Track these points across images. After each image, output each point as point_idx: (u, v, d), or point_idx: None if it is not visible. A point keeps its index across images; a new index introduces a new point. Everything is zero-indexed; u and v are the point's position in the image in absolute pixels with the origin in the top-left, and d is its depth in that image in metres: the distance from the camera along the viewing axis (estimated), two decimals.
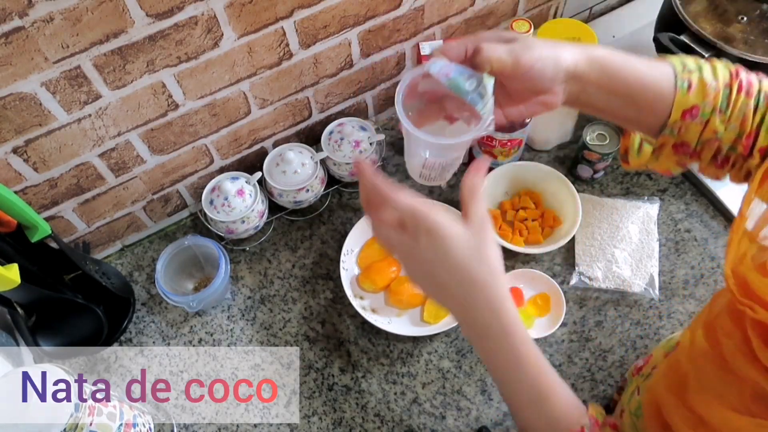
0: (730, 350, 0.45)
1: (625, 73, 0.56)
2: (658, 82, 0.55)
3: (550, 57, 0.54)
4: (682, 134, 0.56)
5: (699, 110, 0.54)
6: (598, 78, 0.56)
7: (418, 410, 0.88)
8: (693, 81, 0.54)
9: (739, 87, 0.54)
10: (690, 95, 0.54)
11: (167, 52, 0.78)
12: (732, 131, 0.55)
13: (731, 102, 0.54)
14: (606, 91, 0.56)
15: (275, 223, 1.04)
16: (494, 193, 1.03)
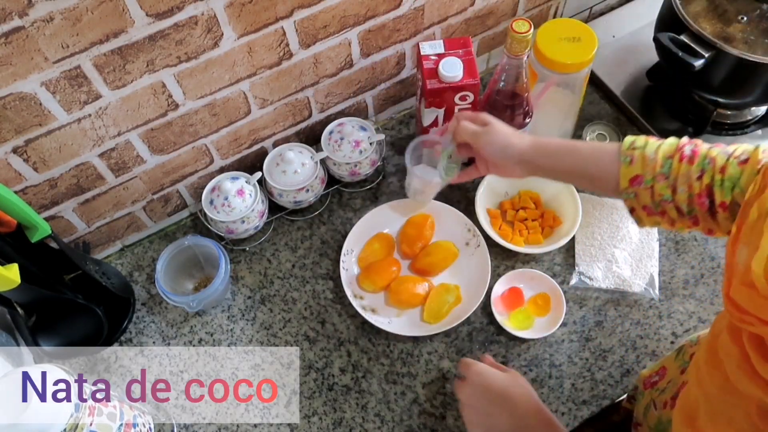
0: (732, 369, 0.47)
1: (569, 158, 0.71)
2: (601, 160, 0.68)
3: (499, 145, 0.74)
4: (639, 198, 0.66)
5: (642, 178, 0.65)
6: (546, 163, 0.73)
7: (419, 410, 0.88)
8: (635, 156, 0.65)
9: (681, 157, 0.63)
10: (632, 167, 0.65)
11: (167, 52, 0.78)
12: (682, 194, 0.63)
13: (672, 170, 0.63)
14: (556, 171, 0.73)
15: (275, 223, 1.04)
16: (494, 193, 1.03)
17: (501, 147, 0.74)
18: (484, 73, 1.19)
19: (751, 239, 0.48)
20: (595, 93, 1.15)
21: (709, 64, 0.89)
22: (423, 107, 0.96)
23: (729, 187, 0.60)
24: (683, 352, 0.75)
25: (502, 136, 0.74)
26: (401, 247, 1.00)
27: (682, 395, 0.59)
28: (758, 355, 0.44)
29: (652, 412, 0.71)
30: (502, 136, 0.74)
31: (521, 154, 0.73)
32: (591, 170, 0.69)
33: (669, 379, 0.74)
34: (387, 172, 1.09)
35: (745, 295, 0.45)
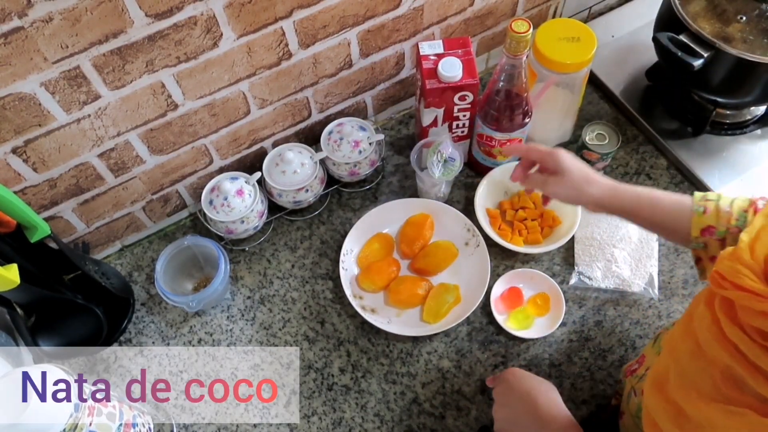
0: (702, 333, 0.50)
1: (647, 210, 0.71)
2: (675, 210, 0.69)
3: (573, 192, 0.75)
4: (709, 249, 0.67)
5: (715, 229, 0.65)
6: (622, 212, 0.73)
7: (418, 410, 0.88)
8: (709, 207, 0.66)
9: (755, 210, 0.63)
10: (705, 217, 0.66)
11: (166, 52, 0.78)
12: None
13: (747, 223, 0.63)
14: (631, 218, 0.73)
15: (275, 223, 1.05)
16: (494, 193, 1.03)
17: (575, 194, 0.75)
18: (483, 73, 1.19)
19: None
20: (594, 93, 1.15)
21: (708, 64, 0.89)
22: (422, 107, 0.96)
23: None
24: (659, 339, 0.76)
25: (576, 183, 0.75)
26: (401, 247, 1.00)
27: (654, 366, 0.61)
28: (727, 318, 0.47)
29: (633, 399, 0.72)
30: (576, 184, 0.75)
31: (597, 201, 0.74)
32: (667, 223, 0.70)
33: (647, 366, 0.74)
34: (386, 172, 1.09)
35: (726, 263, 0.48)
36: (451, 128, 1.00)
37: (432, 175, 0.93)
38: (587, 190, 0.74)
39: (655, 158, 1.07)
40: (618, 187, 0.73)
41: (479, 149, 1.02)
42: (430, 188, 1.00)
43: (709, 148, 1.05)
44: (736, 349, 0.46)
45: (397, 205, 1.01)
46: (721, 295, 0.49)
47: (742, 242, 0.48)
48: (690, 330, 0.53)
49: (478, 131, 0.99)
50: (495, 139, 0.96)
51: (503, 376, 0.79)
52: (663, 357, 0.59)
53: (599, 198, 0.73)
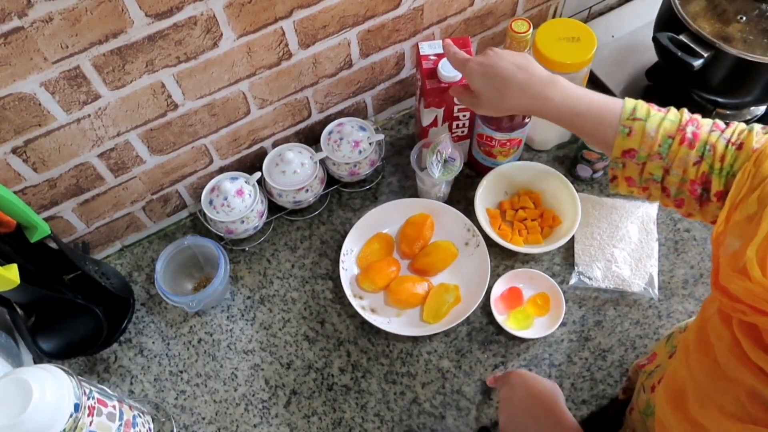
0: (723, 353, 0.46)
1: (568, 120, 0.68)
2: (601, 123, 0.65)
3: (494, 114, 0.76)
4: (626, 170, 0.64)
5: (636, 153, 0.62)
6: (548, 118, 0.69)
7: (418, 410, 0.88)
8: (634, 128, 0.62)
9: (682, 139, 0.60)
10: (629, 139, 0.62)
11: (166, 52, 0.78)
12: (675, 176, 0.62)
13: (671, 151, 0.61)
14: (558, 123, 0.69)
15: (275, 223, 1.05)
16: (494, 193, 1.03)
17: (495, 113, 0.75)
18: None
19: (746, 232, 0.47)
20: None
21: (708, 64, 0.89)
22: (422, 107, 0.96)
23: (725, 174, 0.58)
24: (672, 337, 0.75)
25: (492, 104, 0.73)
26: (401, 247, 1.00)
27: (668, 375, 0.58)
28: (750, 341, 0.44)
29: (641, 396, 0.72)
30: (492, 105, 0.73)
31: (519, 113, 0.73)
32: (593, 135, 0.67)
33: (657, 364, 0.74)
34: (386, 172, 1.09)
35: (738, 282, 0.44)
36: (451, 128, 1.00)
37: (432, 175, 0.93)
38: (505, 106, 0.72)
39: None
40: (538, 102, 0.69)
41: (479, 149, 1.02)
42: (430, 188, 1.00)
43: None
44: (762, 372, 0.43)
45: (397, 205, 1.01)
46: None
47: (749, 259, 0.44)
48: (706, 343, 0.49)
49: (478, 131, 0.99)
50: (495, 139, 0.96)
51: (508, 378, 0.79)
52: (679, 368, 0.55)
53: (523, 113, 0.72)
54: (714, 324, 0.48)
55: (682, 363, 0.54)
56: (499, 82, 0.71)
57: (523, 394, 0.75)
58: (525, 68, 0.70)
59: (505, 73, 0.70)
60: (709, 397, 0.48)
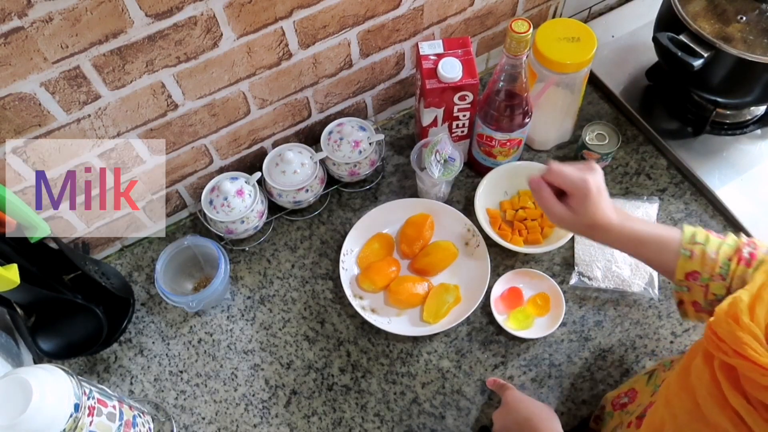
0: (702, 395, 0.47)
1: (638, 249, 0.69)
2: (664, 252, 0.67)
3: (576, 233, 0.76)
4: (692, 293, 0.66)
5: (699, 275, 0.64)
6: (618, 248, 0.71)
7: (418, 410, 0.88)
8: (695, 252, 0.65)
9: (739, 259, 0.62)
10: (690, 262, 0.65)
11: (166, 53, 0.78)
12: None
13: (731, 271, 0.62)
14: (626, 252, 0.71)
15: (275, 223, 1.05)
16: (494, 193, 1.03)
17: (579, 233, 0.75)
18: (483, 73, 1.19)
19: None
20: (594, 93, 1.15)
21: (708, 64, 0.89)
22: (422, 107, 0.96)
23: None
24: (655, 377, 0.76)
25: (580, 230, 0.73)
26: (401, 247, 1.00)
27: (650, 414, 0.59)
28: (729, 383, 0.44)
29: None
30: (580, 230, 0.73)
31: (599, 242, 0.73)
32: (656, 262, 0.69)
33: (639, 403, 0.74)
34: (386, 172, 1.09)
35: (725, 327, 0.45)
36: (451, 128, 1.00)
37: (431, 174, 0.93)
38: (590, 236, 0.72)
39: (655, 158, 1.07)
40: (618, 231, 0.69)
41: (479, 149, 1.02)
42: (430, 188, 1.00)
43: (709, 148, 1.05)
44: (738, 417, 0.43)
45: (397, 205, 1.01)
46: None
47: (742, 302, 0.45)
48: (688, 385, 0.50)
49: (478, 131, 0.99)
50: (495, 139, 0.96)
51: (503, 396, 0.80)
52: (659, 407, 0.56)
53: (601, 242, 0.72)
54: (696, 364, 0.49)
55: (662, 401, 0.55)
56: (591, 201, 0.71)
57: (517, 417, 0.77)
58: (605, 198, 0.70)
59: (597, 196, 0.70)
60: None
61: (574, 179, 0.70)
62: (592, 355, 0.90)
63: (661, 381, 0.74)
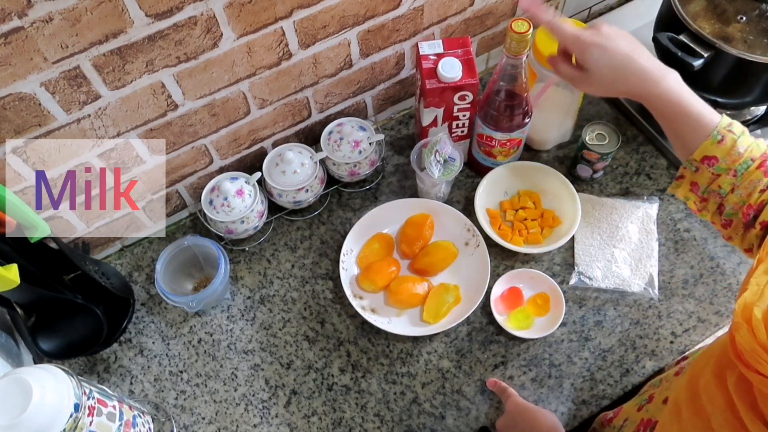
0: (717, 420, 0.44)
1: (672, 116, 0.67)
2: (697, 126, 0.65)
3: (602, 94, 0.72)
4: (697, 174, 0.65)
5: (716, 162, 0.63)
6: (651, 108, 0.68)
7: (418, 410, 0.88)
8: (727, 138, 0.63)
9: (761, 164, 0.62)
10: (717, 146, 0.63)
11: (166, 53, 0.78)
12: (737, 196, 0.63)
13: (747, 171, 0.62)
14: (656, 116, 0.69)
15: (275, 223, 1.04)
16: (494, 193, 1.03)
17: (604, 92, 0.71)
18: (483, 73, 1.19)
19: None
20: None
21: (708, 64, 0.89)
22: (422, 107, 0.96)
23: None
24: (645, 394, 0.76)
25: (605, 84, 0.69)
26: (401, 247, 1.00)
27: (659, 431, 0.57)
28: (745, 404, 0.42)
29: None
30: (605, 85, 0.70)
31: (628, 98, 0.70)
32: (683, 136, 0.66)
33: (625, 417, 0.74)
34: (386, 172, 1.09)
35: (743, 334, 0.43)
36: (451, 128, 1.00)
37: (431, 174, 0.93)
38: (619, 88, 0.69)
39: (655, 158, 1.07)
40: (652, 88, 0.67)
41: (479, 149, 1.02)
42: (430, 188, 1.00)
43: None
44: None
45: (397, 205, 1.01)
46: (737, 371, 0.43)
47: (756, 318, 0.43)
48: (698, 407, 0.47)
49: (478, 131, 0.99)
50: (495, 139, 0.96)
51: (505, 407, 0.80)
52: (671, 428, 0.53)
53: (632, 97, 0.69)
54: (705, 383, 0.47)
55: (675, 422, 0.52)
56: (619, 62, 0.67)
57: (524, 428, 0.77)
58: (642, 52, 0.68)
59: (627, 56, 0.67)
60: None
61: (567, 35, 0.70)
62: (592, 355, 0.90)
63: (648, 396, 0.74)
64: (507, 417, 0.80)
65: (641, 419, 0.70)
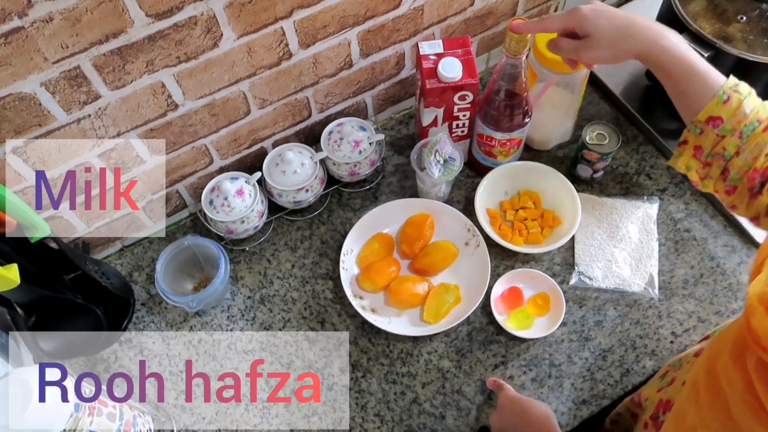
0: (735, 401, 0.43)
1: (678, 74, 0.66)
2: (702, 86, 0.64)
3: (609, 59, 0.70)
4: (701, 137, 0.63)
5: (721, 123, 0.61)
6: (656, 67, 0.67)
7: (418, 410, 0.88)
8: (732, 98, 0.61)
9: (767, 126, 0.60)
10: (722, 107, 0.61)
11: (167, 53, 0.78)
12: (742, 160, 0.61)
13: (753, 133, 0.60)
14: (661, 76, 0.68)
15: (275, 223, 1.05)
16: (494, 193, 1.03)
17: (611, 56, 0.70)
18: (483, 72, 1.19)
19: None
20: (594, 93, 1.15)
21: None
22: (422, 107, 0.96)
23: None
24: (667, 376, 0.76)
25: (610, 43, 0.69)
26: (401, 247, 1.00)
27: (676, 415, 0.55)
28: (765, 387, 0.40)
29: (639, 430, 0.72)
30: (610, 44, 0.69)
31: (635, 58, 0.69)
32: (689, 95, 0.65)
33: (645, 398, 0.74)
34: (386, 172, 1.09)
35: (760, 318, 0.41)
36: (451, 128, 1.00)
37: (431, 174, 0.93)
38: (623, 47, 0.68)
39: (655, 158, 1.07)
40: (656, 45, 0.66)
41: (479, 149, 1.02)
42: (430, 188, 1.00)
43: None
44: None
45: (397, 205, 1.01)
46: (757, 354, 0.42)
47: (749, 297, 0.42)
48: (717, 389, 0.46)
49: (478, 131, 0.99)
50: (495, 139, 0.96)
51: (498, 399, 0.80)
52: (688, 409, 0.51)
53: (637, 56, 0.68)
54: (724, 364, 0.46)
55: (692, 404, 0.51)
56: (620, 22, 0.68)
57: (513, 419, 0.76)
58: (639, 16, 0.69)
59: (627, 17, 0.69)
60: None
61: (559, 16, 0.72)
62: (592, 355, 0.90)
63: (671, 380, 0.73)
64: (499, 411, 0.80)
65: (659, 400, 0.70)
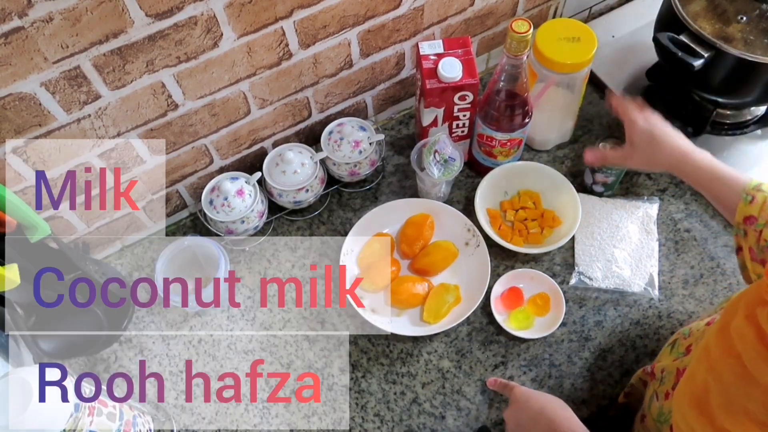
0: (748, 354, 0.46)
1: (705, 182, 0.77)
2: (729, 191, 0.73)
3: (644, 168, 0.90)
4: (748, 238, 0.70)
5: (755, 221, 0.68)
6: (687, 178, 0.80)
7: (418, 410, 0.88)
8: (757, 198, 0.69)
9: None
10: (750, 206, 0.69)
11: (167, 52, 0.78)
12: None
13: None
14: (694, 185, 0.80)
15: (275, 223, 1.04)
16: (494, 193, 1.03)
17: (646, 166, 0.86)
18: (483, 73, 1.19)
19: None
20: (594, 93, 1.15)
21: (708, 64, 0.89)
22: (422, 107, 0.96)
23: None
24: (678, 344, 0.76)
25: (644, 157, 0.83)
26: (401, 247, 1.00)
27: (685, 381, 0.58)
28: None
29: (654, 403, 0.72)
30: (644, 157, 0.83)
31: (666, 170, 0.82)
32: (722, 200, 0.75)
33: (662, 368, 0.74)
34: (386, 172, 1.09)
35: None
36: (451, 128, 1.00)
37: (431, 174, 0.93)
38: (656, 159, 0.82)
39: None
40: (683, 158, 0.78)
41: (479, 149, 1.02)
42: (430, 188, 1.00)
43: (710, 149, 1.03)
44: None
45: (397, 205, 1.01)
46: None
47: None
48: (730, 346, 0.48)
49: (478, 131, 0.99)
50: (495, 139, 0.96)
51: (510, 398, 0.79)
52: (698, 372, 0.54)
53: (667, 168, 0.81)
54: (737, 327, 0.48)
55: (702, 366, 0.54)
56: (657, 137, 0.81)
57: (529, 412, 0.75)
58: (676, 133, 0.81)
59: (665, 132, 0.82)
60: (735, 403, 0.48)
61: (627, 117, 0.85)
62: (592, 355, 0.90)
63: (684, 348, 0.74)
64: (514, 406, 0.79)
65: (676, 369, 0.71)
